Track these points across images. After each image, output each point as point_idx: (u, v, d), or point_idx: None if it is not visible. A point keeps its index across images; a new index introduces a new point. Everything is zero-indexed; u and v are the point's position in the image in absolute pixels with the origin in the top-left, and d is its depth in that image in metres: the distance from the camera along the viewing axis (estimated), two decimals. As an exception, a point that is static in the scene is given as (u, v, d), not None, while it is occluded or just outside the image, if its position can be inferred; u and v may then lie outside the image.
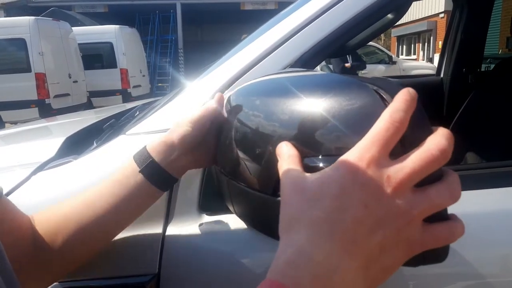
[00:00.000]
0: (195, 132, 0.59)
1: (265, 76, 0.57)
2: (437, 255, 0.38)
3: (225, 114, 0.59)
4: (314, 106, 0.43)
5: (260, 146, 0.49)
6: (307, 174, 0.38)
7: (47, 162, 0.85)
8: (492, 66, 2.00)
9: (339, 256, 0.34)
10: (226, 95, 0.62)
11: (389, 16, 0.80)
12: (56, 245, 0.59)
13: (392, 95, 0.38)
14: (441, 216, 0.36)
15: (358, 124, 0.39)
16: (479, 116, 1.74)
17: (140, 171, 0.59)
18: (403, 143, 0.35)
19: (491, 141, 1.59)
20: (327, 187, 0.35)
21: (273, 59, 0.76)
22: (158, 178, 0.59)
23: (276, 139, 0.46)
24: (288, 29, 0.77)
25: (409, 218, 0.34)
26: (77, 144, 1.01)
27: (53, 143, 1.02)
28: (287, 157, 0.41)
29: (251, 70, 0.76)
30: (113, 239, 0.65)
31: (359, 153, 0.35)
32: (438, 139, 0.34)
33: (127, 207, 0.60)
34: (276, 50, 0.77)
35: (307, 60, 0.75)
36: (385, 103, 0.38)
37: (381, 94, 0.39)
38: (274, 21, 0.87)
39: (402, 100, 0.35)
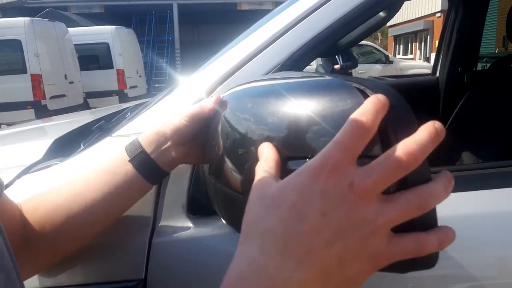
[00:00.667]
0: (189, 126, 0.59)
1: (256, 80, 0.56)
2: (426, 261, 0.37)
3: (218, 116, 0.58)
4: (302, 108, 0.42)
5: (246, 149, 0.48)
6: (274, 181, 0.37)
7: (33, 165, 0.83)
8: (489, 65, 2.00)
9: (292, 268, 0.32)
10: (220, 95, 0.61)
11: (381, 14, 0.79)
12: (44, 235, 0.58)
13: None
14: (428, 224, 0.33)
15: None
16: (475, 116, 1.73)
17: (129, 161, 0.58)
18: (384, 148, 0.33)
19: (488, 140, 1.58)
20: (286, 194, 0.34)
21: (263, 58, 0.75)
22: (147, 169, 0.59)
23: (262, 142, 0.45)
24: (278, 28, 0.76)
25: (372, 228, 0.32)
26: (65, 146, 0.99)
27: (43, 145, 1.00)
28: (264, 159, 0.40)
29: (241, 69, 0.75)
30: (100, 244, 0.63)
31: (321, 159, 0.33)
32: (408, 143, 0.31)
33: (116, 197, 0.59)
34: (267, 49, 0.75)
35: (298, 59, 0.74)
36: None
37: (368, 94, 0.38)
38: (265, 20, 0.85)
39: (370, 103, 0.33)
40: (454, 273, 0.67)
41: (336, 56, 6.02)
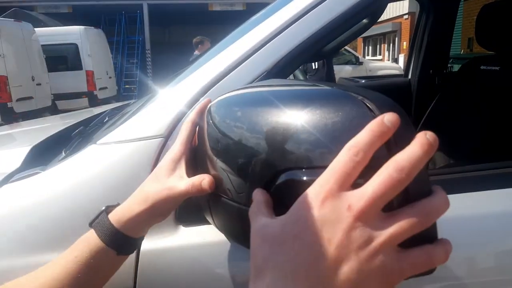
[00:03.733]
0: (175, 206, 0.58)
1: (245, 87, 0.56)
2: None
3: (205, 125, 0.57)
4: (296, 118, 0.42)
5: (241, 157, 0.48)
6: (271, 220, 0.38)
7: (13, 173, 0.81)
8: (455, 66, 2.06)
9: None
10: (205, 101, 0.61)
11: (364, 21, 0.80)
12: None
13: (378, 105, 0.38)
14: (427, 238, 0.34)
15: (343, 136, 0.38)
16: (447, 117, 1.78)
17: (118, 255, 0.56)
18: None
19: (459, 141, 1.63)
20: (288, 230, 0.35)
21: (249, 66, 0.75)
22: (132, 247, 0.58)
23: (257, 151, 0.45)
24: (264, 35, 0.76)
25: (375, 246, 0.32)
26: (44, 154, 0.97)
27: (18, 153, 0.97)
28: (255, 203, 0.42)
29: (226, 77, 0.75)
30: None
31: (317, 188, 0.35)
32: (399, 159, 0.31)
33: (97, 282, 0.57)
34: (252, 56, 0.75)
35: (284, 66, 0.74)
36: (372, 114, 0.38)
37: (367, 104, 0.39)
38: (248, 27, 0.85)
39: (368, 131, 0.33)
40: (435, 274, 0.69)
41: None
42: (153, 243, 0.68)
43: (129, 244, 0.57)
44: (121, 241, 0.55)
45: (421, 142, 0.31)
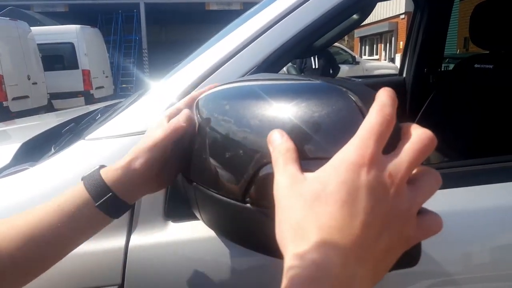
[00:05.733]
0: (159, 157, 0.55)
1: (234, 81, 0.56)
2: (410, 259, 0.38)
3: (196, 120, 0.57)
4: (283, 111, 0.42)
5: (230, 151, 0.48)
6: (305, 174, 0.36)
7: (2, 169, 0.81)
8: (451, 65, 2.06)
9: (354, 265, 0.32)
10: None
11: (354, 17, 0.80)
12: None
13: (361, 96, 0.38)
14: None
15: (333, 129, 0.38)
16: (441, 115, 1.79)
17: (97, 206, 0.53)
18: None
19: (454, 139, 1.63)
20: (332, 191, 0.33)
21: (238, 61, 0.75)
22: (115, 209, 0.55)
23: (244, 144, 0.45)
24: (253, 30, 0.76)
25: (408, 216, 0.33)
26: (34, 150, 0.96)
27: (9, 149, 0.97)
28: (284, 151, 0.38)
29: (216, 72, 0.75)
30: (75, 250, 0.61)
31: (358, 151, 0.33)
32: (420, 129, 0.34)
33: (76, 236, 0.55)
34: (242, 51, 0.75)
35: (273, 61, 0.74)
36: (356, 105, 0.38)
37: (351, 96, 0.39)
38: (239, 22, 0.85)
39: (386, 96, 0.34)
40: (423, 270, 0.69)
41: (312, 58, 5.95)
42: (142, 238, 0.68)
43: (114, 202, 0.54)
44: (107, 196, 0.53)
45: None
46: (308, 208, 0.34)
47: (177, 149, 0.57)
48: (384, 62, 18.57)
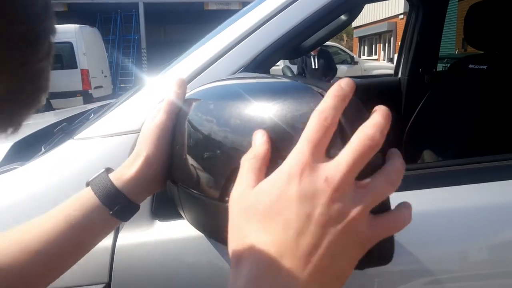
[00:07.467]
0: (166, 141, 0.55)
1: (219, 80, 0.56)
2: (382, 256, 0.38)
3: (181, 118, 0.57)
4: (263, 110, 0.43)
5: (209, 151, 0.48)
6: (250, 191, 0.36)
7: (-8, 169, 0.81)
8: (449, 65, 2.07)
9: (292, 276, 0.32)
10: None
11: (342, 17, 0.81)
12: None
13: None
14: (384, 207, 0.35)
15: (303, 126, 0.39)
16: (436, 115, 1.79)
17: (112, 214, 0.52)
18: (344, 139, 0.34)
19: (448, 138, 1.64)
20: (266, 205, 0.34)
21: (227, 60, 0.75)
22: (129, 213, 0.54)
23: (226, 144, 0.46)
24: (242, 30, 0.77)
25: (353, 216, 0.32)
26: (25, 150, 0.96)
27: (1, 149, 0.97)
28: (251, 157, 0.38)
29: (205, 71, 0.75)
30: None
31: (292, 161, 0.34)
32: (365, 128, 0.32)
33: (89, 244, 0.54)
34: (230, 51, 0.76)
35: (262, 61, 0.75)
36: None
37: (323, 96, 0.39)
38: (228, 23, 0.86)
39: (331, 97, 0.34)
40: (414, 268, 0.69)
41: (311, 58, 5.94)
42: (129, 237, 0.68)
43: (127, 207, 0.53)
44: (121, 203, 0.52)
45: (381, 112, 0.33)
46: (247, 225, 0.35)
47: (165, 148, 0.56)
48: (382, 62, 18.58)
